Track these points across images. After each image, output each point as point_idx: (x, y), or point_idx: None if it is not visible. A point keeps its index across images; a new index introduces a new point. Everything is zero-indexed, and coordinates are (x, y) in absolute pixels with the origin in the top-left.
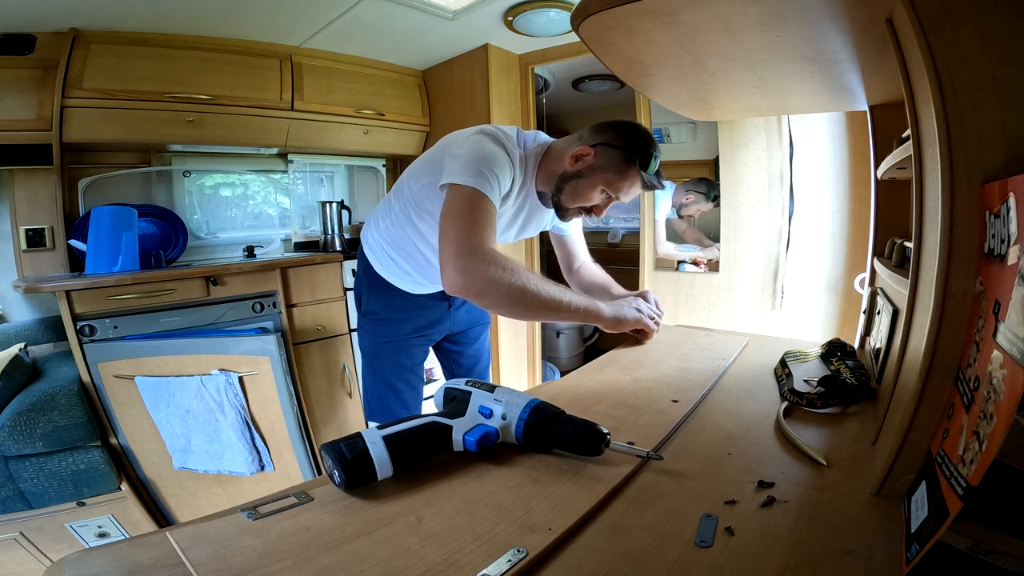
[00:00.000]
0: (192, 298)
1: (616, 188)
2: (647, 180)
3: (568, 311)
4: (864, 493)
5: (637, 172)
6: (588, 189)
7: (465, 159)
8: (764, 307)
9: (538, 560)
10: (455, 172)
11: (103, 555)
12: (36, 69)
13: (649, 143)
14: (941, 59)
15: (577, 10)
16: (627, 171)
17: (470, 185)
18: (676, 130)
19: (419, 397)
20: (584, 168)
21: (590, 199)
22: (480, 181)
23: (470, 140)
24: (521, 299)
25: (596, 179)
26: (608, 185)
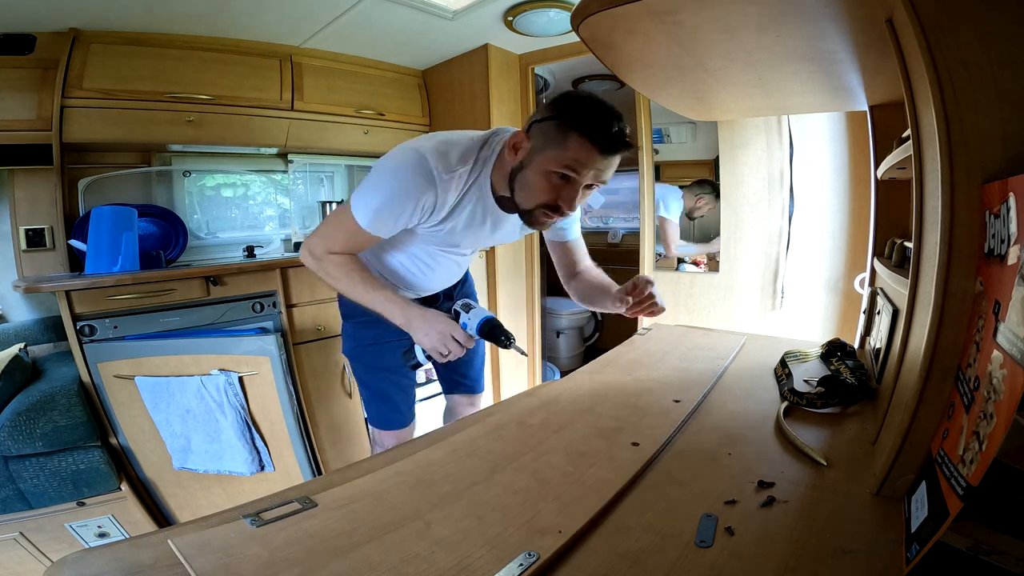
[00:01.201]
0: (192, 298)
1: (563, 164)
2: (601, 141)
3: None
4: (864, 493)
5: (582, 137)
6: (535, 179)
7: (370, 192)
8: (764, 307)
9: (550, 563)
10: (356, 198)
11: (103, 555)
12: (36, 69)
13: (587, 100)
14: (941, 59)
15: (577, 10)
16: (567, 140)
17: (357, 220)
18: (676, 130)
19: (410, 399)
20: (524, 157)
21: (544, 191)
22: (365, 218)
23: (389, 168)
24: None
25: (538, 164)
26: (554, 165)
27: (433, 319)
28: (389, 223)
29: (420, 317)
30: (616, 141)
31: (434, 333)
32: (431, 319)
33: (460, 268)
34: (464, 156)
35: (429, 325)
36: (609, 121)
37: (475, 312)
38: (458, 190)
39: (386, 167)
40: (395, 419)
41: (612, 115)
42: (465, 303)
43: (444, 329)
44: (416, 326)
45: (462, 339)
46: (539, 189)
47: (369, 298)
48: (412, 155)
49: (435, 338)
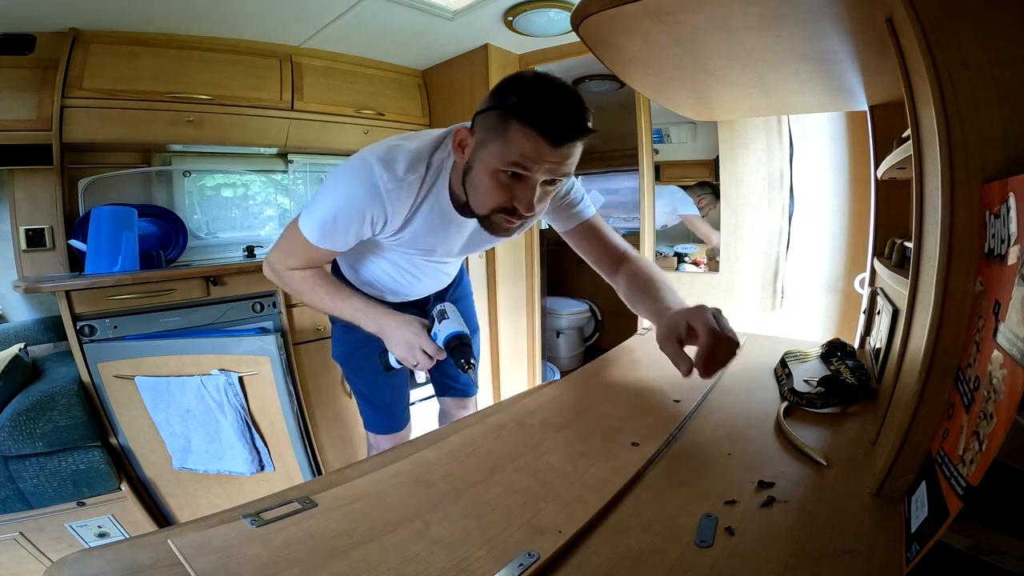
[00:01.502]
0: (192, 298)
1: (508, 160)
2: (547, 130)
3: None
4: (864, 493)
5: (524, 127)
6: (482, 179)
7: (317, 207)
8: (764, 307)
9: (550, 563)
10: (304, 213)
11: (103, 555)
12: (36, 69)
13: (531, 81)
14: (941, 59)
15: (577, 10)
16: (509, 132)
17: (306, 236)
18: (676, 130)
19: (403, 401)
20: (470, 155)
21: (494, 193)
22: (314, 234)
23: (335, 181)
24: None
25: (483, 162)
26: (498, 162)
27: (404, 327)
28: (339, 238)
29: (391, 324)
30: (566, 128)
31: (403, 344)
32: (402, 327)
33: (447, 275)
34: (413, 163)
35: (399, 334)
36: (556, 105)
37: (447, 324)
38: (410, 200)
39: (333, 180)
40: (389, 423)
41: (561, 98)
42: (442, 310)
43: (413, 341)
44: (387, 333)
45: (431, 351)
46: (488, 191)
47: (338, 309)
48: (359, 166)
49: (404, 348)
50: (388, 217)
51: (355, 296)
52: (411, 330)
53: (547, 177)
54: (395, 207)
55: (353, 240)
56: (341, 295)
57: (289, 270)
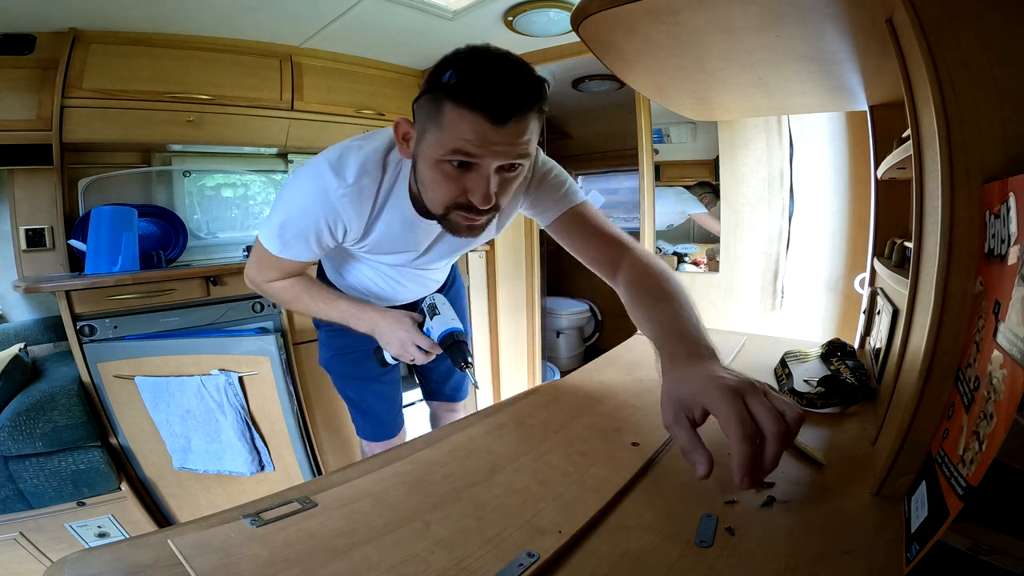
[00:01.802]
0: (192, 298)
1: (448, 148)
2: (484, 107)
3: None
4: (864, 493)
5: (458, 107)
6: (427, 173)
7: (272, 217)
8: (764, 307)
9: (550, 563)
10: (263, 225)
11: (103, 555)
12: (36, 69)
13: (463, 56)
14: (941, 59)
15: (577, 10)
16: (442, 115)
17: (267, 247)
18: (676, 130)
19: (394, 408)
20: (414, 149)
21: (443, 186)
22: (275, 245)
23: (287, 190)
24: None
25: (424, 153)
26: (438, 151)
27: (396, 324)
28: (299, 248)
29: (383, 321)
30: (507, 103)
31: (396, 341)
32: (394, 324)
33: (435, 280)
34: (365, 166)
35: (392, 331)
36: (493, 77)
37: (440, 320)
38: (367, 206)
39: (286, 188)
40: (381, 430)
41: (499, 67)
42: (432, 304)
43: (405, 337)
44: (380, 331)
45: (426, 346)
46: (437, 185)
47: (325, 313)
48: (310, 173)
49: (397, 346)
50: (346, 224)
51: (341, 298)
52: (403, 327)
53: (501, 162)
54: (351, 213)
55: (317, 248)
56: (326, 299)
57: (268, 282)
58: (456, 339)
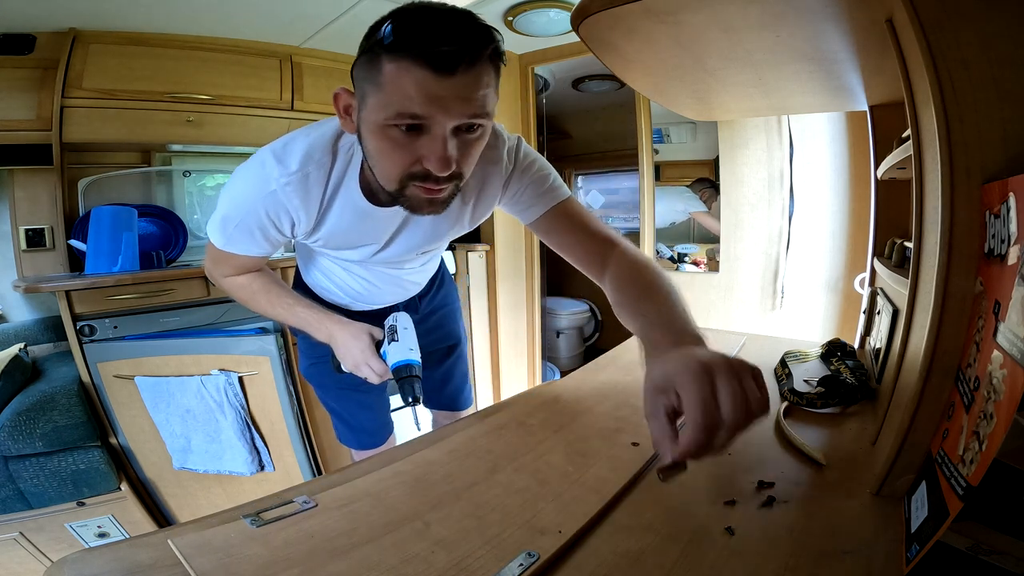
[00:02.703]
0: (192, 298)
1: (391, 111)
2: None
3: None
4: (864, 493)
5: (396, 60)
6: (372, 143)
7: (217, 211)
8: (764, 307)
9: (550, 563)
10: (210, 219)
11: (103, 555)
12: (36, 69)
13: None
14: (941, 59)
15: (577, 10)
16: (379, 72)
17: (213, 241)
18: (676, 130)
19: (378, 417)
20: (357, 119)
21: (392, 155)
22: (219, 238)
23: (230, 182)
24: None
25: (367, 120)
26: (380, 114)
27: (352, 340)
28: (245, 242)
29: (340, 334)
30: (451, 50)
31: (349, 356)
32: (350, 340)
33: (413, 282)
34: (311, 154)
35: (347, 346)
36: (430, 24)
37: (397, 347)
38: (316, 195)
39: (230, 179)
40: (365, 439)
41: (436, 15)
42: (392, 327)
43: (359, 357)
44: (336, 343)
45: (378, 370)
46: (385, 155)
47: (281, 315)
48: (252, 163)
49: (350, 362)
50: (292, 216)
51: (300, 303)
52: (359, 344)
53: (456, 122)
54: (296, 203)
55: (264, 242)
56: (284, 303)
57: (225, 277)
58: (410, 373)
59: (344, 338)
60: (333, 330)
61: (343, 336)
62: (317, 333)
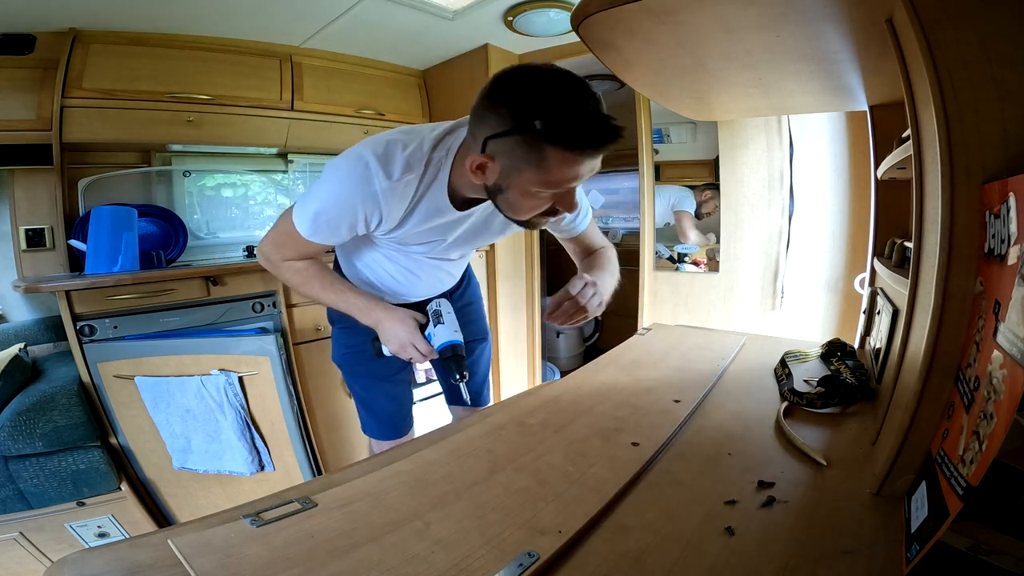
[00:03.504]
0: (192, 298)
1: (552, 183)
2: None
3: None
4: (864, 493)
5: (561, 152)
6: (521, 200)
7: (310, 200)
8: (764, 307)
9: (550, 563)
10: (298, 205)
11: (103, 555)
12: (36, 69)
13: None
14: (941, 59)
15: (577, 10)
16: (545, 160)
17: (297, 228)
18: (676, 130)
19: (403, 410)
20: (497, 179)
21: (536, 207)
22: (306, 228)
23: (330, 176)
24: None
25: (518, 186)
26: (538, 186)
27: (398, 324)
28: (330, 233)
29: (387, 319)
30: (603, 136)
31: (395, 339)
32: (396, 324)
33: (450, 275)
34: (410, 163)
35: (393, 330)
36: (585, 117)
37: (442, 330)
38: (406, 200)
39: (329, 173)
40: (388, 431)
41: (585, 105)
42: (437, 311)
43: (406, 339)
44: (383, 327)
45: (424, 350)
46: (530, 207)
47: (332, 300)
48: (355, 163)
49: (396, 345)
50: (383, 216)
51: (350, 290)
52: (406, 327)
53: (587, 178)
54: (390, 207)
55: (346, 235)
56: (337, 289)
57: (284, 260)
58: (455, 352)
59: (391, 323)
60: (380, 316)
61: (390, 321)
62: (365, 318)
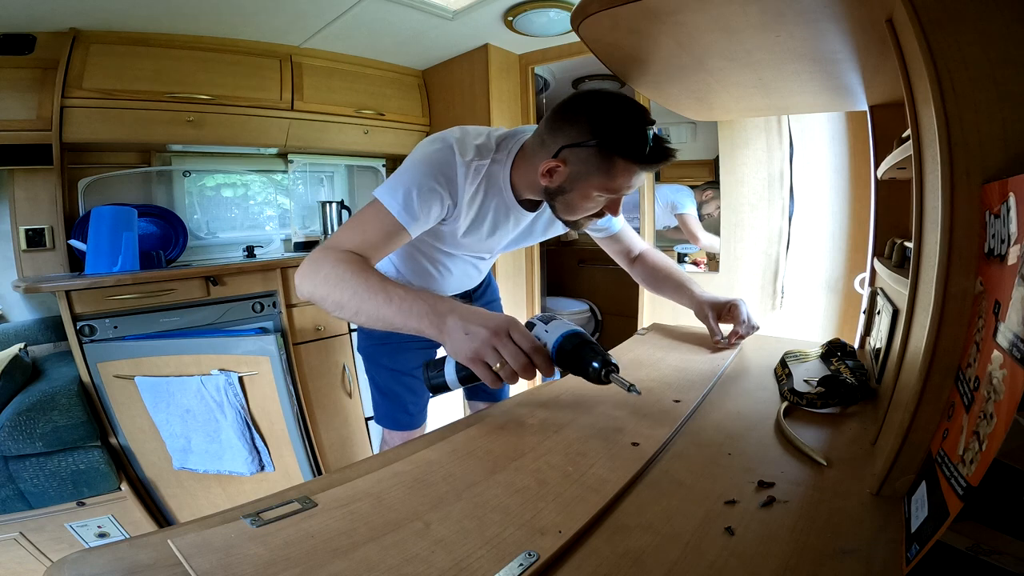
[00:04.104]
0: (192, 298)
1: (613, 189)
2: (647, 160)
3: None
4: (864, 493)
5: (628, 163)
6: (580, 201)
7: (399, 179)
8: (764, 307)
9: (550, 563)
10: (383, 188)
11: (103, 555)
12: (36, 69)
13: (624, 119)
14: (941, 59)
15: (577, 10)
16: (613, 169)
17: (387, 207)
18: (676, 130)
19: (421, 401)
20: (563, 182)
21: (590, 209)
22: (398, 202)
23: (415, 158)
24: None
25: (582, 189)
26: (600, 190)
27: (486, 312)
28: (421, 213)
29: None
30: (661, 155)
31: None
32: (481, 312)
33: (480, 272)
34: (481, 151)
35: (476, 319)
36: (648, 136)
37: (555, 325)
38: (474, 185)
39: (412, 156)
40: (403, 420)
41: (646, 124)
42: (543, 315)
43: (502, 324)
44: (451, 326)
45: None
46: (585, 209)
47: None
48: (436, 142)
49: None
50: (459, 195)
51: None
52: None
53: (628, 193)
54: (464, 187)
55: (434, 216)
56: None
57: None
58: (581, 339)
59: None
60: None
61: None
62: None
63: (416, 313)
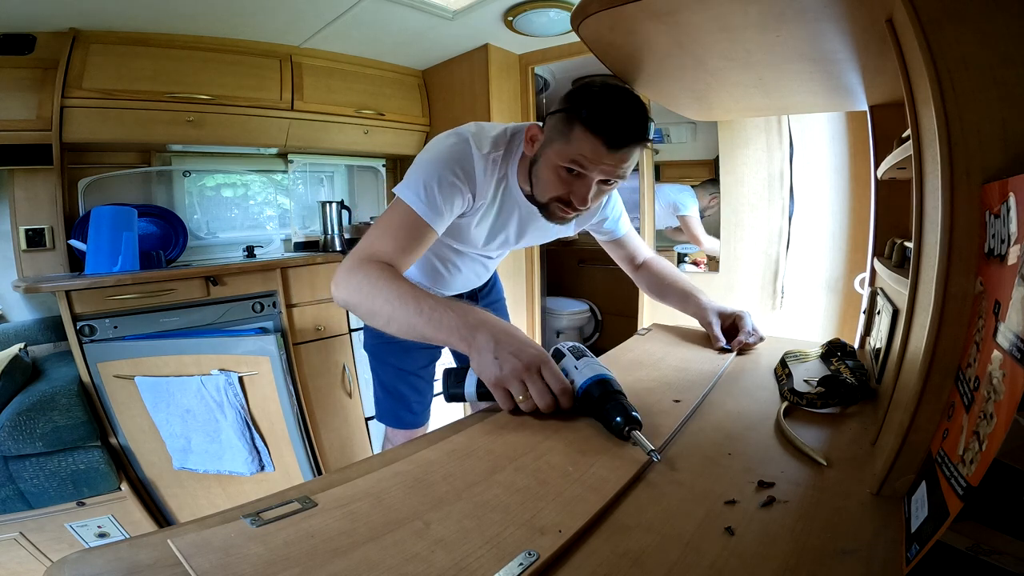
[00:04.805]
0: (192, 298)
1: (568, 158)
2: (606, 134)
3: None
4: (864, 493)
5: (585, 131)
6: (544, 173)
7: (417, 174)
8: (764, 307)
9: (550, 563)
10: (403, 186)
11: (103, 555)
12: (36, 69)
13: (599, 90)
14: (941, 59)
15: (577, 10)
16: (571, 134)
17: (409, 203)
18: (676, 130)
19: (425, 400)
20: (538, 149)
21: (554, 185)
22: (420, 198)
23: (431, 153)
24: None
25: (547, 157)
26: (559, 158)
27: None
28: (444, 208)
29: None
30: (624, 135)
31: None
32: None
33: (487, 270)
34: (496, 143)
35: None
36: (617, 113)
37: (585, 365)
38: (492, 178)
39: (427, 150)
40: (406, 418)
41: (623, 106)
42: (574, 346)
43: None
44: (482, 344)
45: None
46: (549, 183)
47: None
48: (452, 136)
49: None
50: (476, 188)
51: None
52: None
53: (603, 177)
54: (481, 180)
55: (450, 214)
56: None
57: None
58: (608, 388)
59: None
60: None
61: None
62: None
63: (446, 326)
